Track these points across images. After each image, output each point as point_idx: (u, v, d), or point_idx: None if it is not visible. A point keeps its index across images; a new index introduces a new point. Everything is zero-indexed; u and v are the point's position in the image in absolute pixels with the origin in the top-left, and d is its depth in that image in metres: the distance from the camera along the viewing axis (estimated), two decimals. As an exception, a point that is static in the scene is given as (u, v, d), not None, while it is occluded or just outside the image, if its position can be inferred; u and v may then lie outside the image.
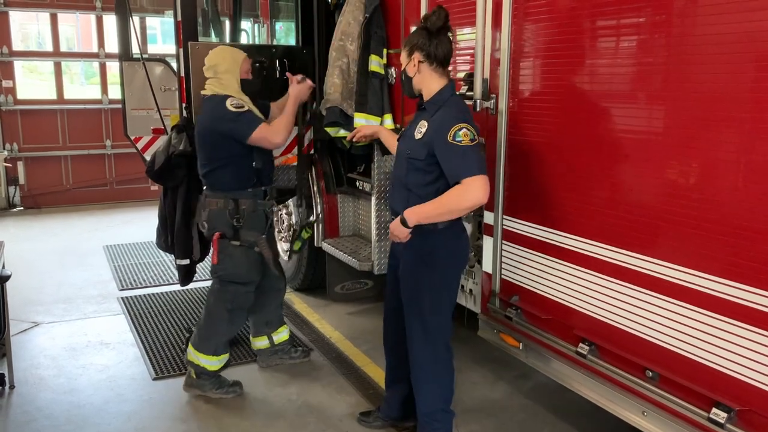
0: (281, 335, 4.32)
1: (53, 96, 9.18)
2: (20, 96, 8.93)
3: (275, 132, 3.71)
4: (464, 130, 2.83)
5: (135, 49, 6.18)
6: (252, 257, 3.89)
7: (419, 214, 2.93)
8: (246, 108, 3.72)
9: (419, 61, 2.97)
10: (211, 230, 3.82)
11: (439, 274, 3.07)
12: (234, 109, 3.66)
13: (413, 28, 3.95)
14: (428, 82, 3.01)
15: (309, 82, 4.03)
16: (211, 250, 3.87)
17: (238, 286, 3.87)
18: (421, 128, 2.97)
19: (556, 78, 3.01)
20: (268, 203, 4.00)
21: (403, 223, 2.94)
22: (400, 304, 3.25)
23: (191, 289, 5.59)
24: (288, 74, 4.10)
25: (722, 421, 2.37)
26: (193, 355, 3.88)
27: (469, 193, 2.81)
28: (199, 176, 3.98)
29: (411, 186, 3.02)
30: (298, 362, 4.35)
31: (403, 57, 3.04)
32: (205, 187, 3.88)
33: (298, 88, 3.96)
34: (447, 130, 2.84)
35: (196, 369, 3.88)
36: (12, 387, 3.95)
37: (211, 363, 3.88)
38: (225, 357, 3.96)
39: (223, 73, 3.76)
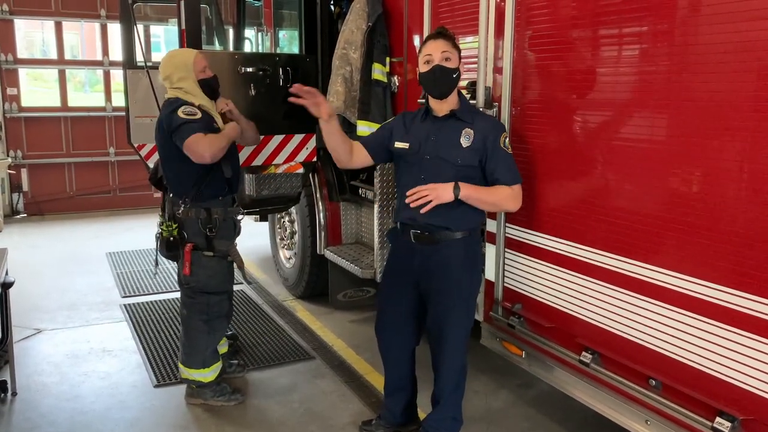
0: (222, 347, 4.13)
1: (57, 103, 9.21)
2: (24, 103, 8.96)
3: (205, 147, 3.44)
4: (508, 138, 3.05)
5: (139, 57, 6.21)
6: (225, 267, 3.82)
7: (476, 192, 2.95)
8: (197, 116, 3.52)
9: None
10: (183, 239, 3.68)
11: (477, 282, 3.23)
12: (183, 116, 3.49)
13: (416, 37, 4.00)
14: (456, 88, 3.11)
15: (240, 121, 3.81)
16: (181, 261, 3.72)
17: (210, 296, 3.76)
18: (467, 136, 3.01)
19: (558, 86, 3.02)
20: (237, 210, 3.89)
21: (455, 192, 2.91)
22: (407, 315, 3.26)
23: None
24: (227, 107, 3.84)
25: (726, 431, 2.36)
26: (185, 372, 3.85)
27: (517, 200, 3.02)
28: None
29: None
30: (233, 377, 4.19)
31: (456, 56, 3.02)
32: (171, 195, 3.73)
33: (229, 127, 3.71)
34: (498, 136, 2.99)
35: (191, 384, 3.87)
36: (15, 394, 3.95)
37: (204, 375, 3.82)
38: (217, 366, 3.88)
39: (180, 81, 3.61)
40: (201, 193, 3.64)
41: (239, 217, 3.92)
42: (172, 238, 3.65)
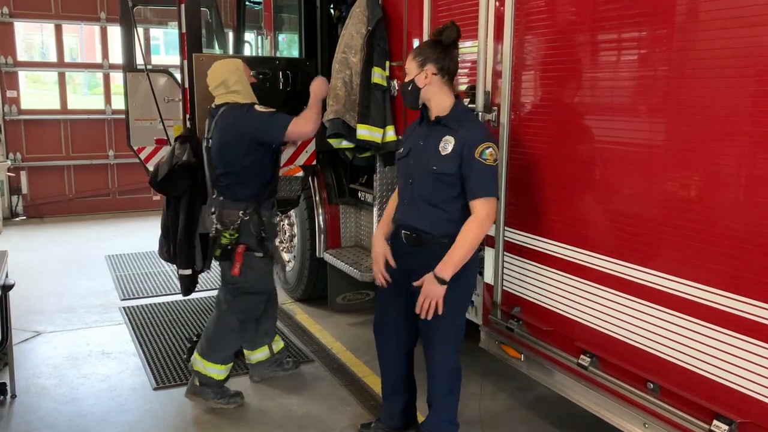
0: (278, 344, 4.31)
1: (57, 106, 9.22)
2: (24, 106, 8.98)
3: (303, 122, 3.77)
4: (491, 149, 2.95)
5: (139, 60, 6.23)
6: (270, 267, 3.98)
7: (453, 263, 2.92)
8: (272, 110, 3.82)
9: (432, 74, 3.00)
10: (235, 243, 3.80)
11: (464, 288, 3.14)
12: (265, 110, 3.76)
13: (417, 44, 4.02)
14: (439, 95, 3.05)
15: (320, 77, 4.13)
16: (229, 262, 3.82)
17: (253, 297, 3.90)
18: (447, 144, 2.99)
19: (557, 91, 3.04)
20: (275, 212, 4.06)
21: (441, 281, 2.92)
22: (403, 316, 3.26)
23: (193, 299, 5.59)
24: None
25: (723, 434, 2.37)
26: (201, 364, 3.86)
27: (486, 220, 2.95)
28: (201, 186, 4.01)
29: (438, 202, 3.02)
30: (290, 373, 4.31)
31: (413, 67, 3.04)
32: (221, 198, 3.82)
33: (316, 83, 4.01)
34: (476, 146, 2.92)
35: (201, 378, 3.88)
36: (14, 396, 3.95)
37: (219, 372, 3.88)
38: (230, 366, 3.97)
39: (236, 84, 3.79)
40: (251, 195, 3.78)
41: (276, 218, 4.12)
42: (230, 247, 3.78)
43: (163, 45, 11.83)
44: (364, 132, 4.25)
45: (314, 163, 5.03)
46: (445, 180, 2.99)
